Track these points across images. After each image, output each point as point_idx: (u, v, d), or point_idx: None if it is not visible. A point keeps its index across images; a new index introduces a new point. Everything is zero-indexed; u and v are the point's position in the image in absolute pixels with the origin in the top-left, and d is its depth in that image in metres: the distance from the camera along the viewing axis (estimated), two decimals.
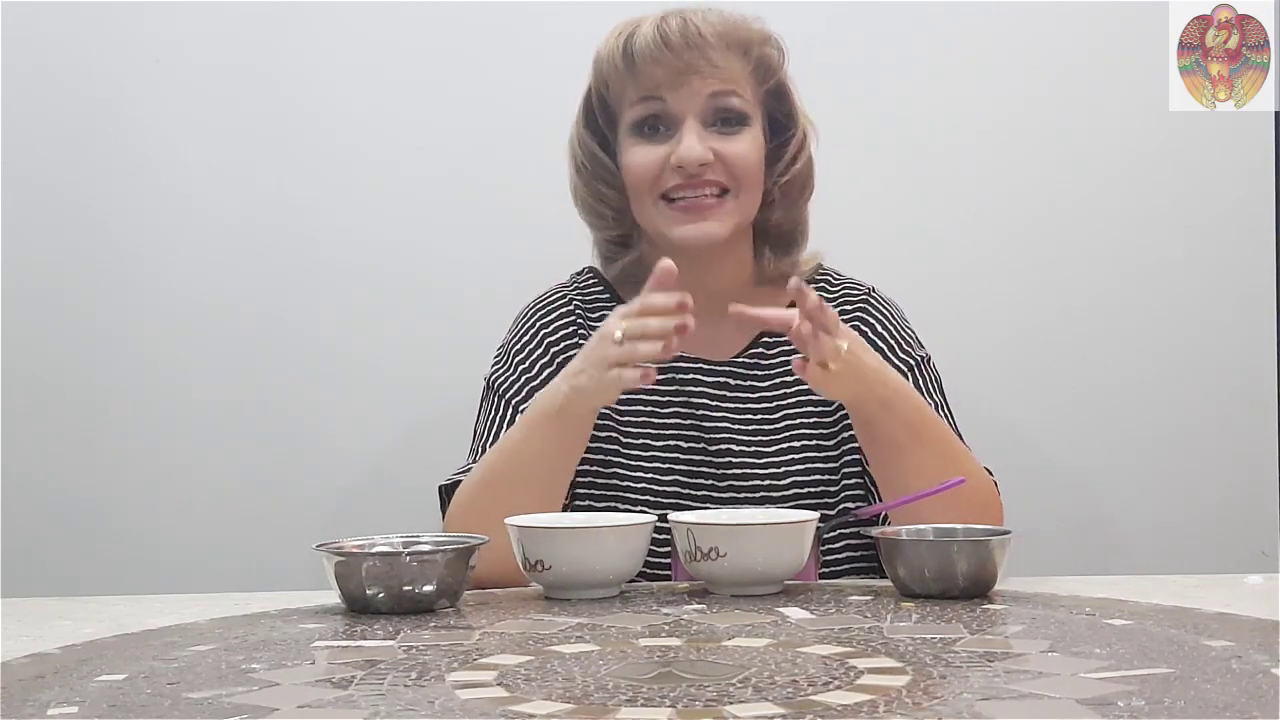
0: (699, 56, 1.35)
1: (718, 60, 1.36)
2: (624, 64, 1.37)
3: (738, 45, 1.38)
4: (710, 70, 1.36)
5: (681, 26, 1.36)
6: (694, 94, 1.36)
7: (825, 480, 1.39)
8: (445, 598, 1.04)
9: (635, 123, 1.39)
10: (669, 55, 1.35)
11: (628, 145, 1.40)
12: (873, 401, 1.25)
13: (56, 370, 1.90)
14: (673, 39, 1.35)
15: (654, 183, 1.38)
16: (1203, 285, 1.93)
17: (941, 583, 1.06)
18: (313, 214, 1.92)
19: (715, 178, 1.37)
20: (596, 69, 1.42)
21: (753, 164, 1.39)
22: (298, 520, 1.86)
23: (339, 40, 1.92)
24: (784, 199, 1.43)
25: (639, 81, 1.37)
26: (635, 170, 1.39)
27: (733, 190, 1.38)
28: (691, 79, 1.36)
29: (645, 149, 1.38)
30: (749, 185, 1.39)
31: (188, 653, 0.90)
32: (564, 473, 1.29)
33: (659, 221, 1.39)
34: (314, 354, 1.91)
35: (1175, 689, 0.75)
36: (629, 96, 1.39)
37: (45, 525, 1.88)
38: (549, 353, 1.43)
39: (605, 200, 1.44)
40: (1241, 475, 1.91)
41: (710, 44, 1.36)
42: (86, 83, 1.90)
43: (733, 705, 0.72)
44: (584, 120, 1.45)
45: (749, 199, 1.40)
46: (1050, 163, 1.93)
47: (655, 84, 1.37)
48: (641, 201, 1.40)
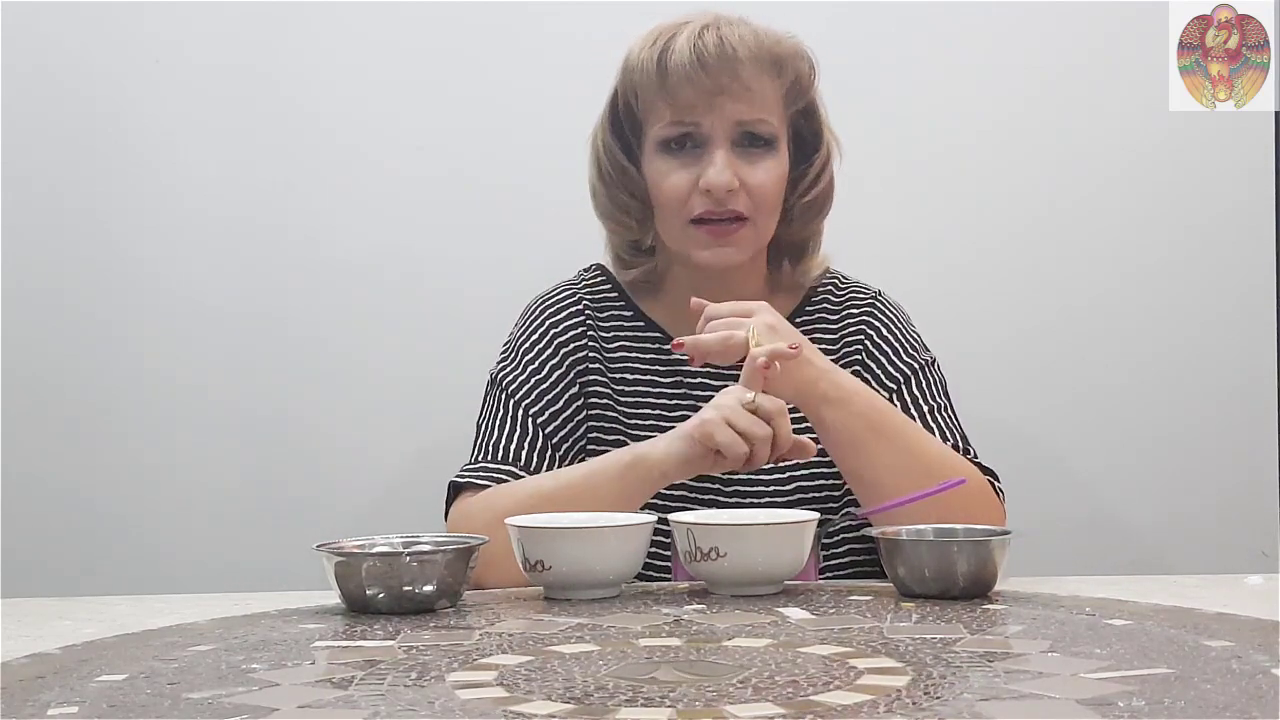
0: (732, 78, 1.34)
1: (750, 81, 1.35)
2: (657, 77, 1.35)
3: (772, 64, 1.37)
4: (742, 93, 1.35)
5: (717, 44, 1.34)
6: (724, 117, 1.35)
7: (829, 485, 1.39)
8: (445, 598, 1.04)
9: (663, 140, 1.38)
10: (703, 76, 1.33)
11: (656, 162, 1.39)
12: (816, 398, 1.26)
13: (56, 370, 1.90)
14: (708, 58, 1.33)
15: (682, 205, 1.37)
16: (1203, 285, 1.93)
17: (941, 583, 1.06)
18: (312, 214, 1.92)
19: (736, 207, 1.36)
20: (626, 76, 1.40)
21: (773, 192, 1.39)
22: (298, 520, 1.86)
23: (339, 40, 1.92)
24: (803, 215, 1.44)
25: (671, 99, 1.35)
26: (665, 191, 1.38)
27: (751, 218, 1.38)
28: (723, 101, 1.35)
29: (675, 171, 1.37)
30: (767, 212, 1.39)
31: (188, 653, 0.90)
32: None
33: (686, 243, 1.39)
34: (314, 354, 1.91)
35: (1175, 689, 0.75)
36: (658, 110, 1.37)
37: (45, 525, 1.88)
38: (560, 355, 1.43)
39: (627, 210, 1.43)
40: (1241, 475, 1.92)
41: (743, 63, 1.34)
42: (86, 83, 1.90)
43: (733, 705, 0.72)
44: (610, 125, 1.43)
45: (766, 225, 1.40)
46: (1050, 163, 1.93)
47: (688, 104, 1.35)
48: (669, 221, 1.40)
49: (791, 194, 1.42)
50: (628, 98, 1.40)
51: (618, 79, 1.41)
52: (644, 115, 1.40)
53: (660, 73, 1.35)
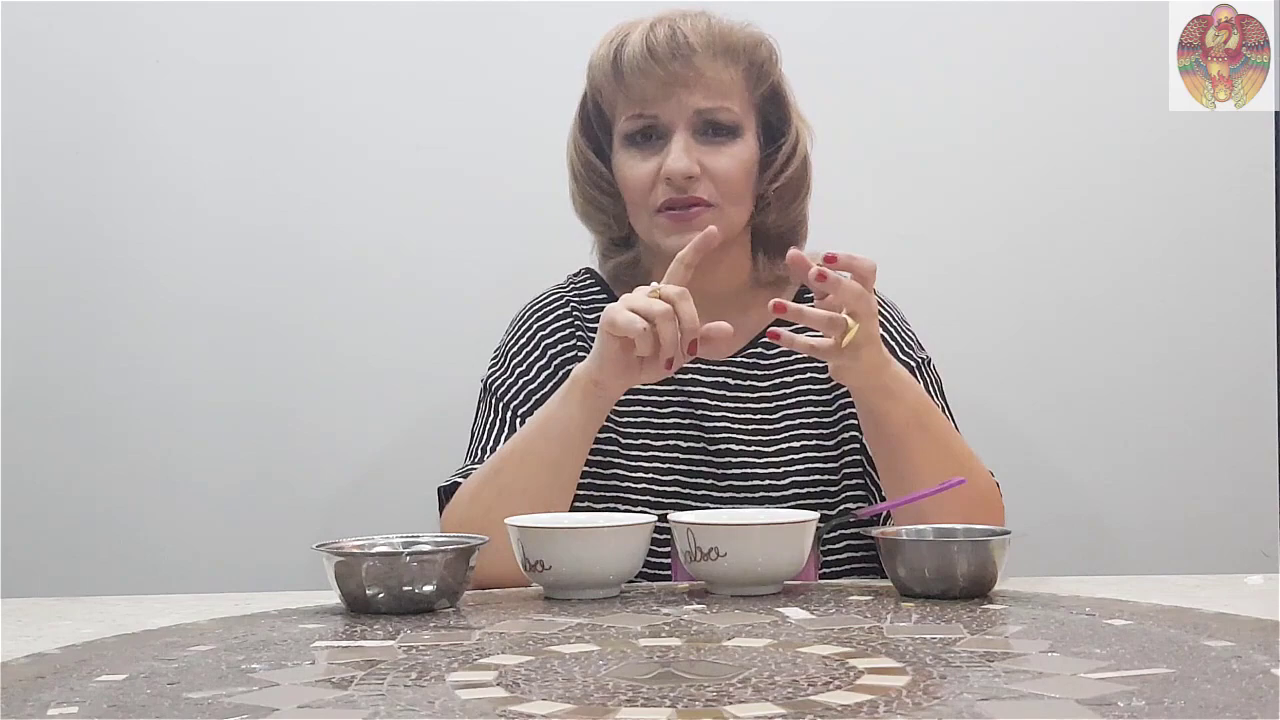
0: (686, 67, 1.36)
1: (705, 70, 1.36)
2: (613, 73, 1.38)
3: (727, 52, 1.38)
4: (698, 81, 1.36)
5: (669, 36, 1.36)
6: (682, 106, 1.37)
7: (825, 480, 1.39)
8: (445, 598, 1.04)
9: (627, 134, 1.40)
10: (656, 67, 1.35)
11: (621, 156, 1.41)
12: (878, 389, 1.25)
13: (56, 370, 1.90)
14: (659, 50, 1.35)
15: (647, 195, 1.39)
16: (1203, 285, 1.93)
17: (941, 583, 1.06)
18: (312, 213, 1.92)
19: (700, 193, 1.37)
20: (590, 76, 1.42)
21: (738, 178, 1.39)
22: (298, 520, 1.86)
23: (339, 40, 1.92)
24: (779, 202, 1.43)
25: (628, 93, 1.38)
26: (629, 182, 1.40)
27: (717, 205, 1.38)
28: (679, 90, 1.36)
29: (637, 162, 1.39)
30: (733, 198, 1.39)
31: (188, 653, 0.90)
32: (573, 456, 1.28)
33: (653, 232, 1.40)
34: (314, 354, 1.91)
35: (1175, 689, 0.75)
36: (619, 106, 1.40)
37: (45, 525, 1.88)
38: (546, 355, 1.43)
39: (601, 207, 1.45)
40: (1241, 475, 1.91)
41: (697, 53, 1.36)
42: (86, 83, 1.90)
43: (733, 705, 0.72)
44: (580, 126, 1.46)
45: (734, 211, 1.40)
46: (1050, 162, 1.93)
47: (644, 96, 1.37)
48: (637, 212, 1.42)
49: (762, 180, 1.42)
50: (595, 97, 1.43)
51: (585, 81, 1.43)
52: (609, 112, 1.42)
53: (615, 68, 1.38)
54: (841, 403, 1.41)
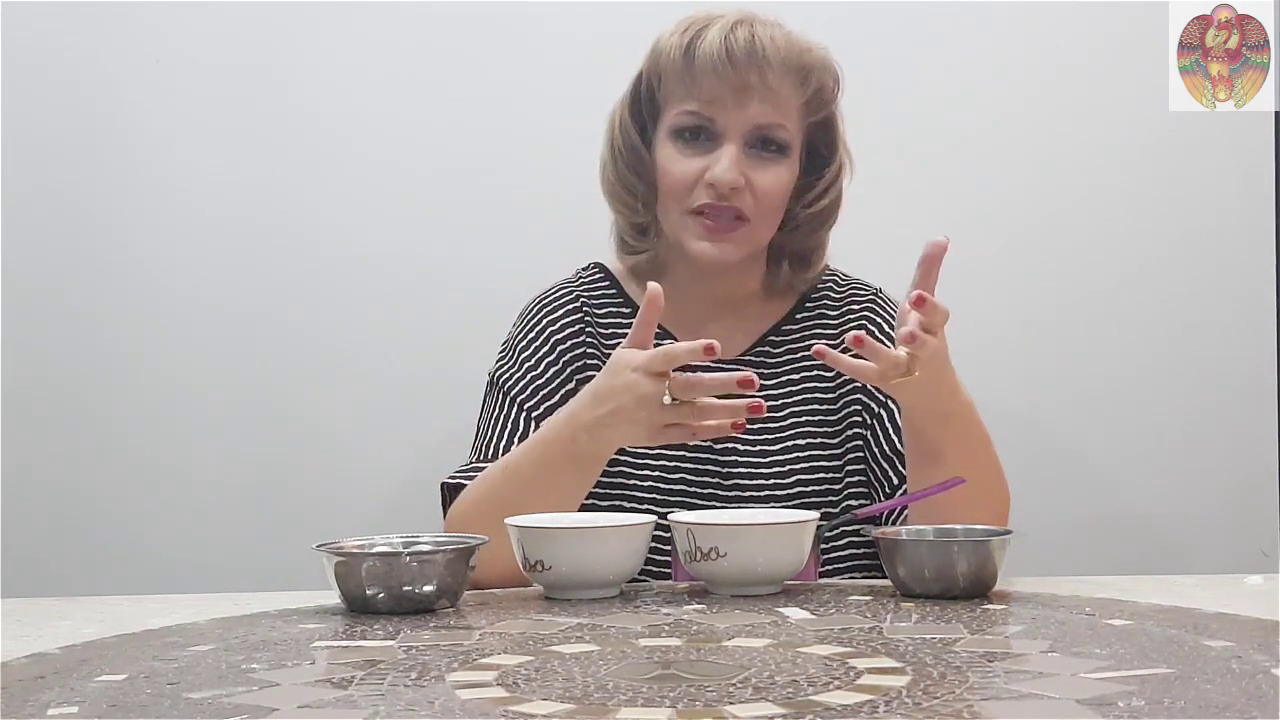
0: (758, 77, 1.34)
1: (774, 84, 1.35)
2: (683, 65, 1.36)
3: (798, 71, 1.37)
4: (765, 93, 1.35)
5: (748, 41, 1.34)
6: (743, 116, 1.35)
7: (829, 480, 1.39)
8: (445, 598, 1.04)
9: (678, 128, 1.38)
10: (730, 71, 1.33)
11: (667, 147, 1.39)
12: (941, 413, 1.22)
13: (56, 371, 1.90)
14: (738, 55, 1.33)
15: (686, 194, 1.37)
16: (1203, 285, 1.93)
17: (941, 583, 1.06)
18: (312, 213, 1.92)
19: (739, 204, 1.36)
20: (653, 59, 1.40)
21: (778, 197, 1.38)
22: (298, 520, 1.86)
23: (340, 40, 1.92)
24: (807, 226, 1.43)
25: (693, 88, 1.36)
26: (670, 176, 1.38)
27: (752, 220, 1.37)
28: (745, 99, 1.34)
29: (683, 159, 1.37)
30: (768, 216, 1.39)
31: (188, 653, 0.90)
32: (573, 504, 1.25)
33: (682, 232, 1.39)
34: (314, 354, 1.91)
35: (1175, 689, 0.75)
36: (679, 97, 1.38)
37: (45, 525, 1.88)
38: (555, 351, 1.43)
39: (631, 189, 1.43)
40: (1241, 475, 1.92)
41: (772, 65, 1.34)
42: (86, 83, 1.90)
43: (733, 705, 0.72)
44: (630, 105, 1.43)
45: (765, 228, 1.40)
46: (1050, 162, 1.93)
47: (709, 96, 1.35)
48: (669, 208, 1.40)
49: (797, 203, 1.42)
50: (651, 81, 1.41)
51: (645, 62, 1.41)
52: (664, 100, 1.40)
53: (687, 61, 1.35)
54: (845, 401, 1.41)
